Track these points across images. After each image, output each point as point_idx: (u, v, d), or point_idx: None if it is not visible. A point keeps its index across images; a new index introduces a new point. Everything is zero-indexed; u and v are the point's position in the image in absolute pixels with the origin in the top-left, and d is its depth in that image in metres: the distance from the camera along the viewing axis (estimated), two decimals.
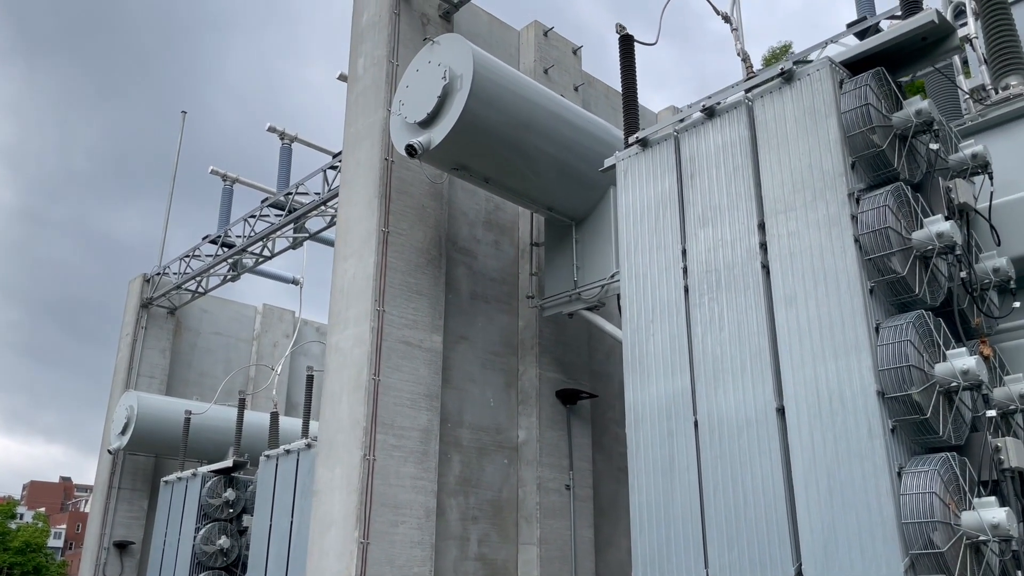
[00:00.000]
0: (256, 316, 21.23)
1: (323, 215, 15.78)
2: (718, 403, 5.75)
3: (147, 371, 17.91)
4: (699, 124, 6.45)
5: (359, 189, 9.77)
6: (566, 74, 12.33)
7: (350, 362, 9.08)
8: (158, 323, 18.62)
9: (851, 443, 5.02)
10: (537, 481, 9.94)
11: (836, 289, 5.33)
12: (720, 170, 6.20)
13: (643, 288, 6.48)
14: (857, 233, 5.35)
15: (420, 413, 9.14)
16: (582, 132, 9.36)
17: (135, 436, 15.88)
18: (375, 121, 9.88)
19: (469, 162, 8.78)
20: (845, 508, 4.97)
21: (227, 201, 18.20)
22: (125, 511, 16.67)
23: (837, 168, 5.52)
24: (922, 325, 5.15)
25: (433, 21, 10.73)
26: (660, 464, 5.99)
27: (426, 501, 8.93)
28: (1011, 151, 6.25)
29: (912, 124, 5.57)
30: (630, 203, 6.79)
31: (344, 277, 9.59)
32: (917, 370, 4.96)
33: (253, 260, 17.52)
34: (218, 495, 14.00)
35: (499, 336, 10.56)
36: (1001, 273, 5.74)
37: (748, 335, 5.71)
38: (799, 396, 5.34)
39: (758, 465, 5.45)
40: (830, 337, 5.28)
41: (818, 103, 5.74)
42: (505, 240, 11.08)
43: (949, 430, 5.03)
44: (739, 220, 5.98)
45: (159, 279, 18.47)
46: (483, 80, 8.39)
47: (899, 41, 5.73)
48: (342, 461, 8.77)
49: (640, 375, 6.30)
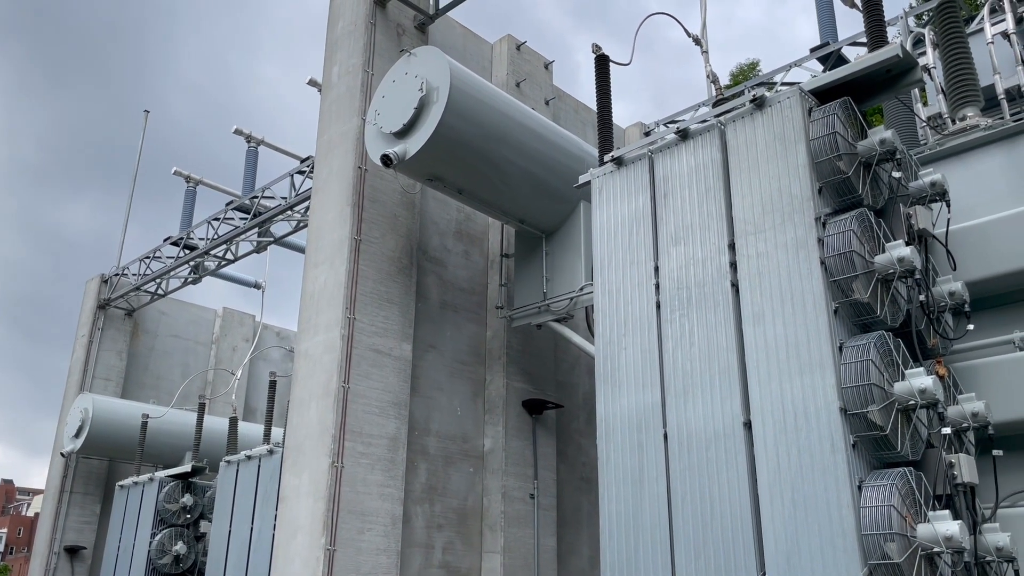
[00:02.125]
0: (216, 319, 20.99)
1: (289, 219, 15.73)
2: (687, 416, 5.93)
3: (103, 373, 17.62)
4: (673, 145, 6.65)
5: (332, 196, 9.81)
6: (538, 88, 12.50)
7: (319, 369, 9.09)
8: (115, 325, 18.33)
9: (814, 457, 5.23)
10: (502, 490, 10.04)
11: (802, 309, 5.55)
12: (692, 191, 6.40)
13: (616, 303, 6.65)
14: (823, 256, 5.58)
15: (388, 421, 9.19)
16: (554, 147, 9.53)
17: (89, 439, 15.61)
18: (349, 129, 9.93)
19: (444, 173, 8.89)
20: (808, 519, 5.17)
21: (190, 202, 18.02)
22: (77, 515, 16.35)
23: (805, 193, 5.75)
24: (883, 345, 5.39)
25: (408, 32, 10.82)
26: (630, 475, 6.14)
27: (392, 509, 8.98)
28: (967, 180, 6.56)
29: (876, 152, 5.83)
30: (604, 220, 6.96)
31: (315, 283, 9.60)
32: (878, 388, 5.20)
33: (215, 263, 17.37)
34: (175, 500, 13.83)
35: (467, 345, 10.65)
36: (956, 296, 6.03)
37: (717, 351, 5.91)
38: (765, 411, 5.54)
39: (725, 477, 5.64)
40: (796, 355, 5.49)
41: (788, 130, 5.97)
42: (475, 250, 11.19)
43: (907, 446, 5.28)
44: (710, 240, 6.18)
45: (117, 280, 18.19)
46: (460, 93, 8.51)
47: (865, 72, 6.00)
48: (309, 467, 8.78)
49: (612, 388, 6.46)
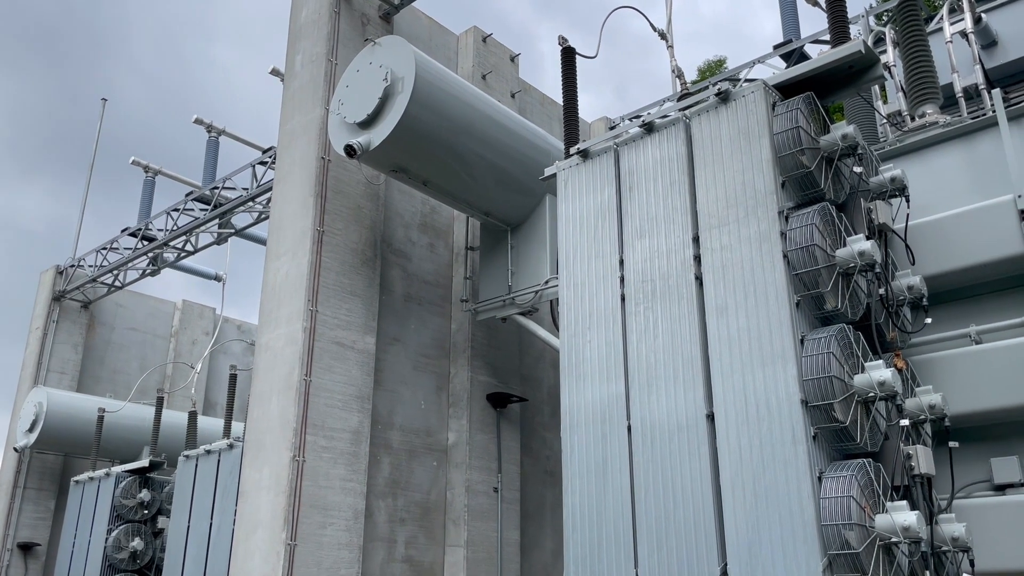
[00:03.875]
0: (175, 312, 20.62)
1: (250, 211, 15.50)
2: (651, 408, 5.94)
3: (57, 367, 17.21)
4: (638, 139, 6.65)
5: (294, 187, 9.67)
6: (503, 81, 12.46)
7: (281, 362, 8.97)
8: (70, 317, 17.92)
9: (776, 449, 5.28)
10: (466, 484, 10.01)
11: (765, 301, 5.59)
12: (657, 184, 6.41)
13: (581, 296, 6.64)
14: (785, 249, 5.62)
15: (351, 415, 9.10)
16: (520, 139, 9.50)
17: (44, 434, 15.25)
18: (312, 119, 9.79)
19: (408, 164, 8.81)
20: (769, 510, 5.21)
21: (148, 193, 17.67)
22: (31, 511, 15.96)
23: (768, 187, 5.79)
24: (843, 338, 5.45)
25: (373, 21, 10.70)
26: (594, 467, 6.15)
27: (355, 503, 8.90)
28: (926, 176, 6.66)
29: (838, 147, 5.89)
30: (570, 212, 6.94)
31: (276, 275, 9.47)
32: (838, 381, 5.25)
33: (175, 255, 17.06)
34: (132, 496, 13.57)
35: (431, 339, 10.59)
36: (915, 290, 6.11)
37: (681, 343, 5.93)
38: (728, 403, 5.57)
39: (688, 469, 5.66)
40: (758, 347, 5.53)
41: (752, 124, 6.00)
42: (440, 243, 11.12)
43: (866, 438, 5.35)
44: (675, 233, 6.20)
45: (73, 271, 17.78)
46: (425, 84, 8.44)
47: (828, 68, 6.05)
48: (270, 462, 8.66)
49: (576, 380, 6.45)
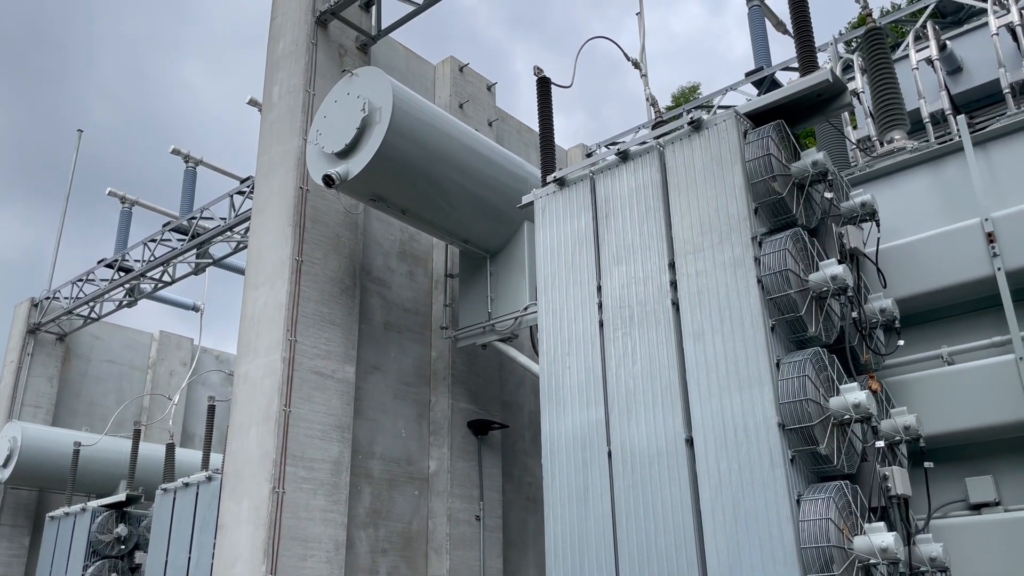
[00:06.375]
0: (152, 343, 20.45)
1: (228, 240, 15.46)
2: (631, 434, 5.97)
3: (32, 400, 16.99)
4: (614, 166, 6.74)
5: (272, 217, 9.68)
6: (481, 109, 12.57)
7: (260, 392, 8.92)
8: (45, 350, 17.73)
9: (754, 472, 5.32)
10: (447, 512, 9.96)
11: (741, 326, 5.66)
12: (633, 211, 6.49)
13: (560, 322, 6.69)
14: (760, 274, 5.71)
15: (331, 445, 9.05)
16: (498, 167, 9.58)
17: (18, 469, 15.03)
18: (290, 149, 9.83)
19: (386, 194, 8.85)
20: (749, 534, 5.25)
21: (125, 224, 17.59)
22: (5, 548, 15.66)
23: (742, 213, 5.88)
24: (818, 361, 5.52)
25: (351, 52, 10.79)
26: (575, 493, 6.16)
27: (336, 534, 8.82)
28: (895, 200, 6.79)
29: (809, 174, 6.00)
30: (547, 240, 7.01)
31: (255, 305, 9.44)
32: (814, 403, 5.32)
33: (152, 285, 16.95)
34: (109, 531, 13.36)
35: (412, 366, 10.58)
36: (887, 313, 6.22)
37: (659, 369, 5.98)
38: (707, 427, 5.62)
39: (668, 493, 5.69)
40: (735, 371, 5.59)
41: (724, 151, 6.11)
42: (419, 271, 11.14)
43: (843, 460, 5.40)
44: (651, 259, 6.27)
45: (48, 303, 17.61)
46: (402, 114, 8.51)
47: (797, 96, 6.18)
48: (249, 494, 8.58)
49: (556, 406, 6.48)
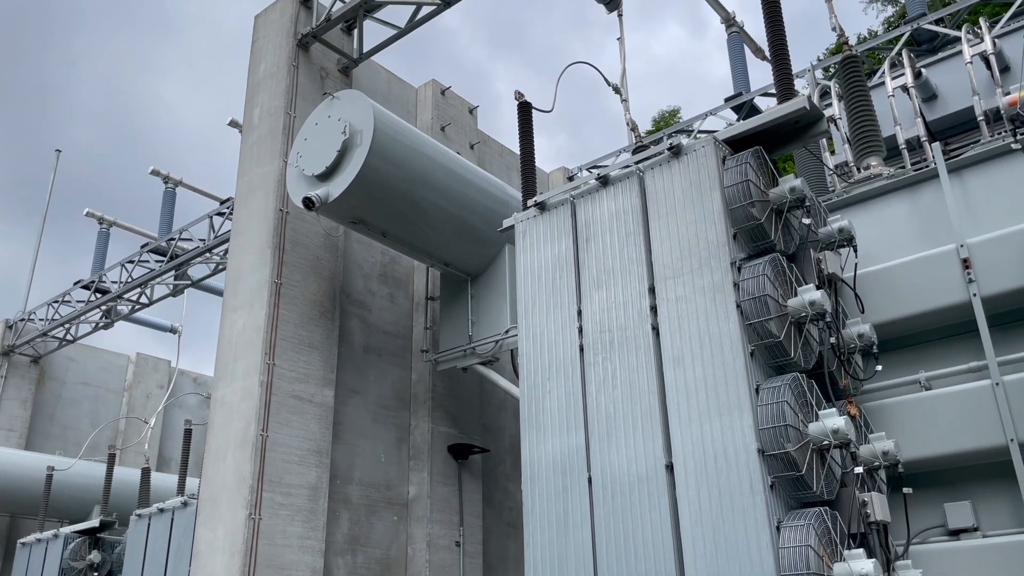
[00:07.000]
0: (128, 365, 20.21)
1: (207, 262, 15.35)
2: (611, 460, 5.94)
3: (5, 424, 16.70)
4: (594, 191, 6.76)
5: (252, 239, 9.61)
6: (462, 132, 12.61)
7: (237, 417, 8.81)
8: (19, 372, 17.46)
9: (734, 498, 5.30)
10: (427, 538, 9.85)
11: (720, 351, 5.66)
12: (613, 235, 6.51)
13: (540, 346, 6.67)
14: (738, 299, 5.72)
15: (309, 470, 8.95)
16: (479, 190, 9.59)
17: None
18: (270, 171, 9.79)
19: (367, 216, 8.83)
20: (729, 560, 5.21)
21: (102, 244, 17.43)
22: None
23: (720, 238, 5.91)
24: (797, 386, 5.53)
25: (332, 75, 10.80)
26: (555, 519, 6.10)
27: (313, 561, 8.70)
28: (872, 226, 6.85)
29: (787, 200, 6.05)
30: (528, 264, 7.00)
31: (233, 328, 9.35)
32: (793, 429, 5.32)
33: (129, 307, 16.78)
34: (82, 558, 13.09)
35: (391, 390, 10.50)
36: (865, 338, 6.25)
37: (639, 394, 5.96)
38: (687, 453, 5.60)
39: (648, 520, 5.65)
40: (715, 397, 5.59)
41: (703, 177, 6.15)
42: (400, 293, 11.10)
43: (822, 486, 5.40)
44: (631, 284, 6.28)
45: (23, 325, 17.38)
46: (383, 136, 8.51)
47: (775, 123, 6.24)
48: (225, 521, 8.45)
49: (536, 431, 6.44)
